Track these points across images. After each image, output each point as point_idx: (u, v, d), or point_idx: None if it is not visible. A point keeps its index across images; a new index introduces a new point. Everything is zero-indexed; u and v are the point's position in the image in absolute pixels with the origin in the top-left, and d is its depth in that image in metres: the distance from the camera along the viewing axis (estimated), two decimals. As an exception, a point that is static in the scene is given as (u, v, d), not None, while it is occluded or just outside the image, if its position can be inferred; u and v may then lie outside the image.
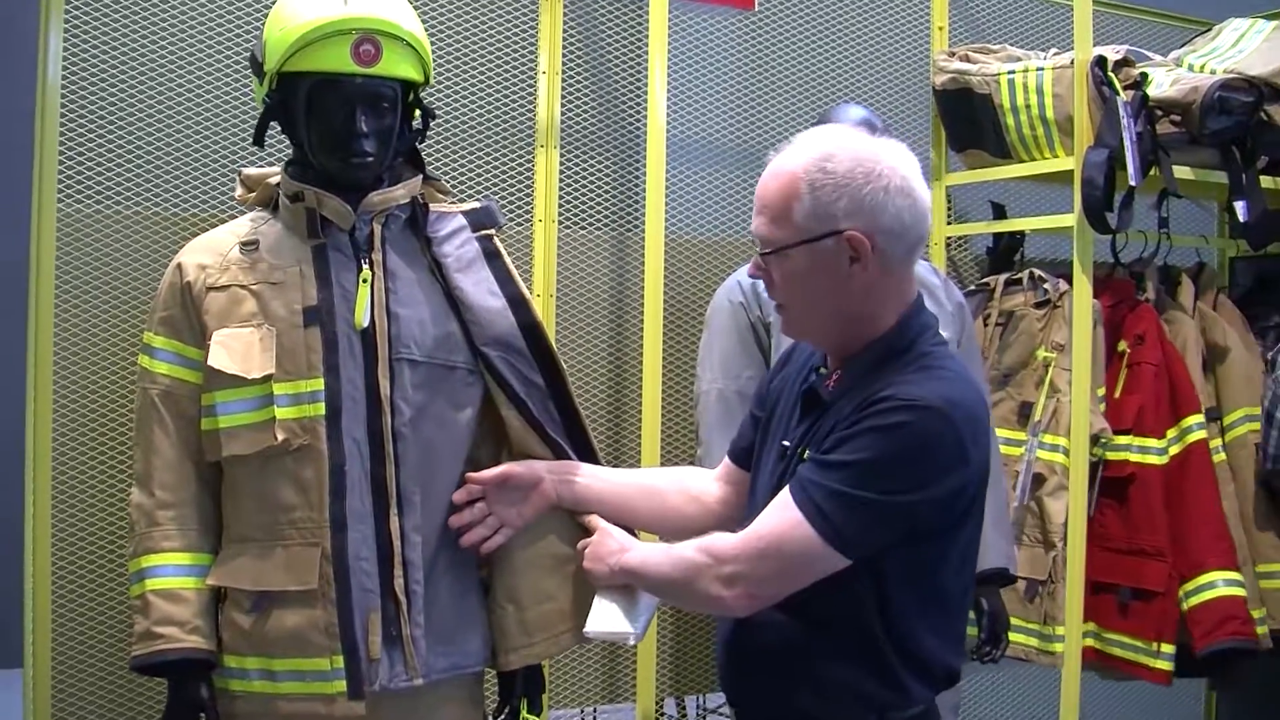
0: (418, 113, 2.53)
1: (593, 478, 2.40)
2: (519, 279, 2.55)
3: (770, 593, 1.97)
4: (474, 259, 2.53)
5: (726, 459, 2.35)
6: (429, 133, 2.57)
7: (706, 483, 2.37)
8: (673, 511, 2.35)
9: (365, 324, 2.40)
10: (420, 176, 2.53)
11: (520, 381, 2.49)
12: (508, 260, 2.56)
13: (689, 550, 2.05)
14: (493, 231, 2.58)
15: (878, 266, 1.95)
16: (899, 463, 1.87)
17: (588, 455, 2.52)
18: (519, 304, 2.51)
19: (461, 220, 2.56)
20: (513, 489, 2.38)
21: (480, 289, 2.50)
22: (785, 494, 1.95)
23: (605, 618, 2.27)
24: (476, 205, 2.61)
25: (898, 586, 1.93)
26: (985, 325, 3.77)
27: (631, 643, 2.26)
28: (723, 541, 2.01)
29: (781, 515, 1.93)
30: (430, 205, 2.55)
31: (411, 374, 2.42)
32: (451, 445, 2.46)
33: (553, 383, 2.52)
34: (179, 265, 2.46)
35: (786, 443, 2.07)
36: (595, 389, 3.45)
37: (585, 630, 2.32)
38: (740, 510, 2.25)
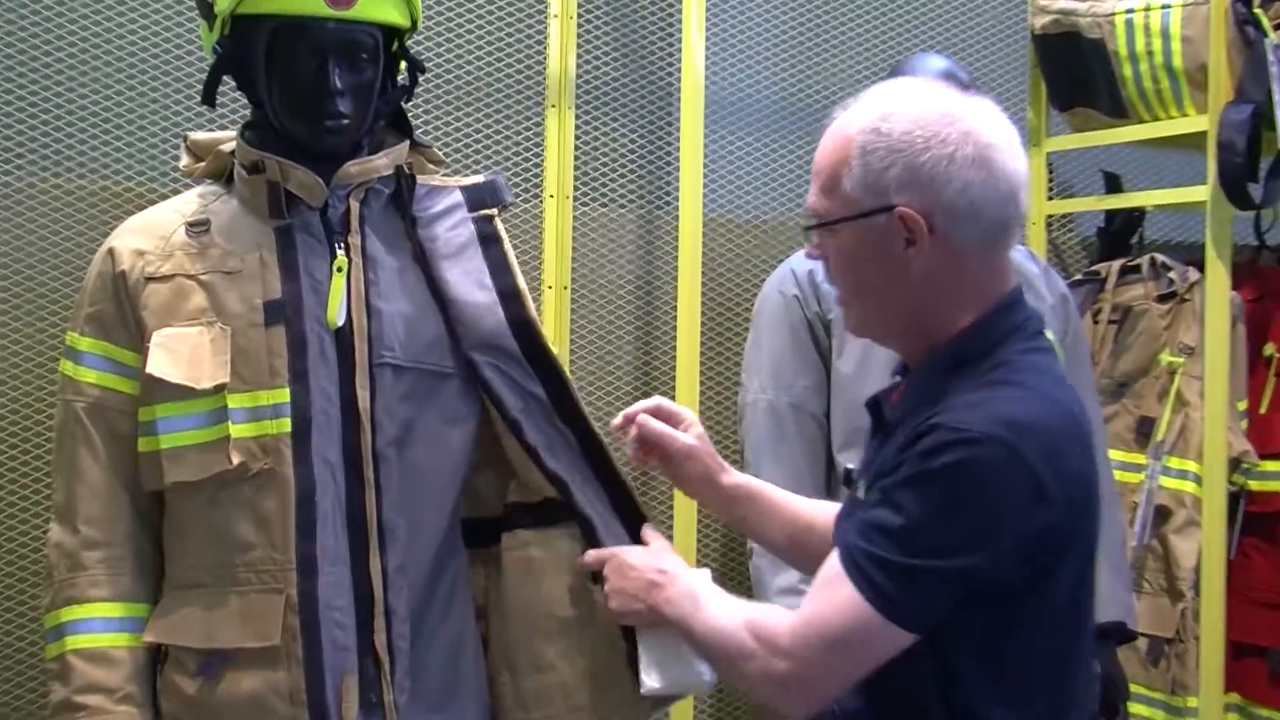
0: (403, 65, 2.53)
1: (763, 513, 2.40)
2: (518, 271, 2.55)
3: (833, 685, 1.96)
4: (466, 244, 2.54)
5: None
6: (417, 90, 2.58)
7: None
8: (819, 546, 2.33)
9: (340, 322, 2.40)
10: (406, 143, 2.53)
11: (516, 394, 2.49)
12: (508, 248, 2.57)
13: (739, 624, 2.03)
14: (494, 212, 2.59)
15: (940, 253, 1.94)
16: (951, 516, 1.85)
17: (610, 486, 2.51)
18: (511, 297, 2.52)
19: (457, 197, 2.57)
20: (689, 459, 2.39)
21: (468, 280, 2.50)
22: (834, 562, 1.94)
23: (663, 666, 2.26)
24: (479, 180, 2.62)
25: (966, 656, 1.91)
26: (1095, 323, 3.77)
27: (703, 690, 2.25)
28: (775, 623, 1.98)
29: (832, 593, 1.92)
30: (418, 178, 2.56)
31: (396, 382, 2.43)
32: (444, 469, 2.48)
33: (555, 392, 2.51)
34: (111, 251, 2.46)
35: (851, 466, 2.07)
36: (618, 401, 3.46)
37: (643, 690, 2.31)
38: None
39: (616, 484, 2.51)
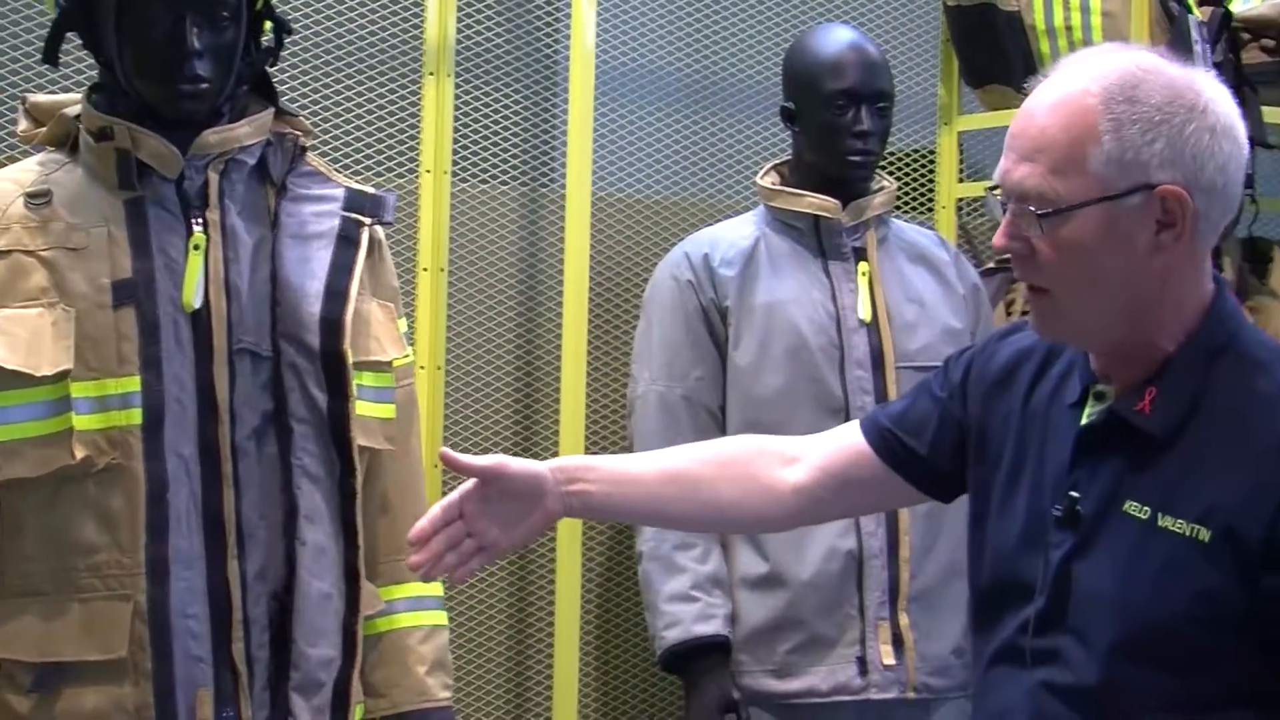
0: (268, 26, 2.52)
1: (614, 482, 2.24)
2: (357, 282, 2.51)
3: None
4: (322, 234, 2.52)
5: (857, 445, 2.23)
6: (283, 53, 2.56)
7: (783, 465, 2.25)
8: (726, 508, 2.27)
9: (197, 304, 2.39)
10: (271, 110, 2.51)
11: (300, 396, 2.46)
12: (362, 258, 2.53)
13: None
14: (368, 221, 2.55)
15: (1190, 237, 1.88)
16: None
17: (348, 531, 2.49)
18: (335, 297, 2.49)
19: (339, 193, 2.56)
20: (505, 497, 2.18)
21: (304, 266, 2.49)
22: None
23: None
24: (370, 190, 2.60)
25: None
26: (1009, 314, 3.80)
27: None
28: None
29: None
30: (309, 158, 2.55)
31: (257, 370, 2.43)
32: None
33: (336, 409, 2.47)
34: (-61, 224, 2.43)
35: (1075, 494, 1.95)
36: (499, 392, 3.46)
37: None
38: (836, 505, 2.27)
39: (353, 532, 2.50)
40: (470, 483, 2.12)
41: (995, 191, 1.93)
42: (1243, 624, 1.82)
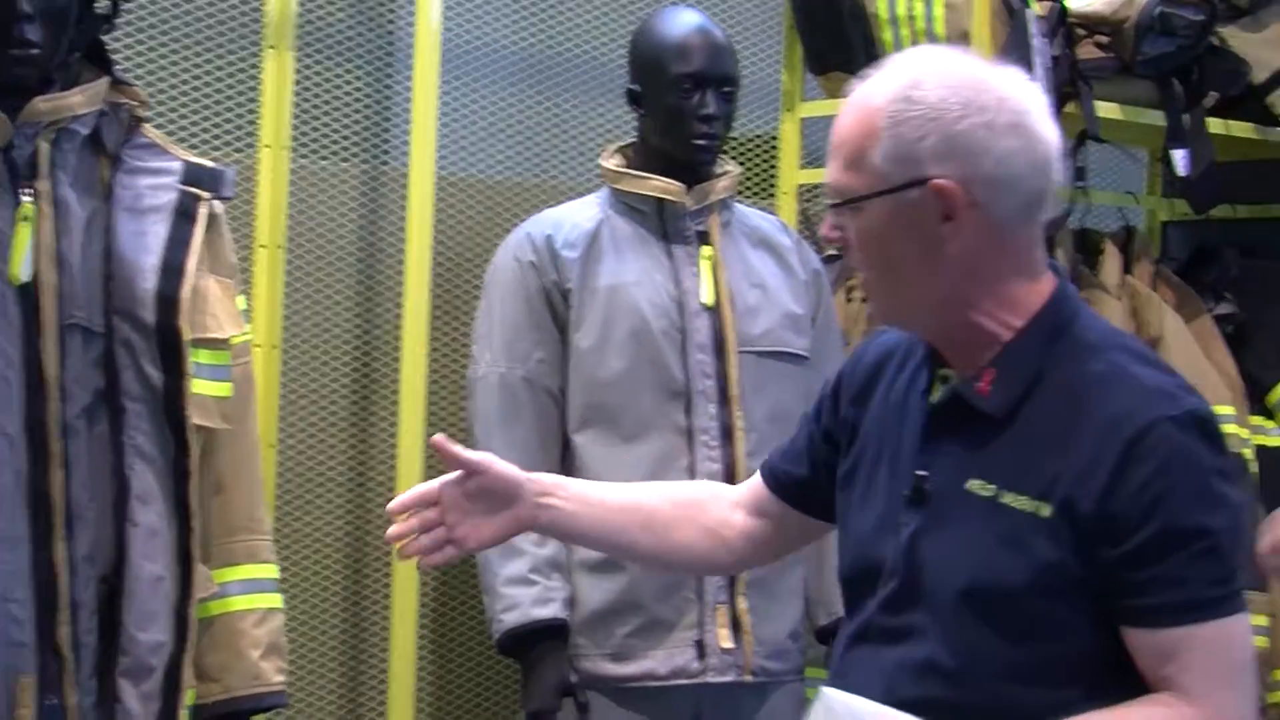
0: (103, -9, 2.49)
1: (583, 502, 2.32)
2: (195, 257, 2.50)
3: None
4: (159, 208, 2.50)
5: (761, 485, 2.34)
6: (119, 21, 2.53)
7: (728, 510, 2.37)
8: (679, 548, 2.36)
9: (25, 278, 2.36)
10: (105, 80, 2.48)
11: (134, 374, 2.44)
12: (200, 233, 2.52)
13: None
14: (207, 196, 2.54)
15: (980, 227, 1.96)
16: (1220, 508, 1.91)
17: (181, 509, 2.48)
18: (171, 273, 2.48)
19: (176, 166, 2.54)
20: (483, 494, 2.24)
21: (139, 240, 2.47)
22: (1189, 631, 1.91)
23: None
24: (209, 164, 2.58)
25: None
26: (849, 300, 3.82)
27: None
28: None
29: (1211, 650, 1.91)
30: (145, 129, 2.52)
31: (88, 346, 2.40)
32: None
33: (172, 387, 2.47)
34: None
35: (923, 472, 2.04)
36: (336, 372, 3.43)
37: None
38: (771, 546, 2.36)
39: (187, 513, 2.49)
40: (454, 474, 2.19)
41: None
42: (1081, 595, 1.91)
